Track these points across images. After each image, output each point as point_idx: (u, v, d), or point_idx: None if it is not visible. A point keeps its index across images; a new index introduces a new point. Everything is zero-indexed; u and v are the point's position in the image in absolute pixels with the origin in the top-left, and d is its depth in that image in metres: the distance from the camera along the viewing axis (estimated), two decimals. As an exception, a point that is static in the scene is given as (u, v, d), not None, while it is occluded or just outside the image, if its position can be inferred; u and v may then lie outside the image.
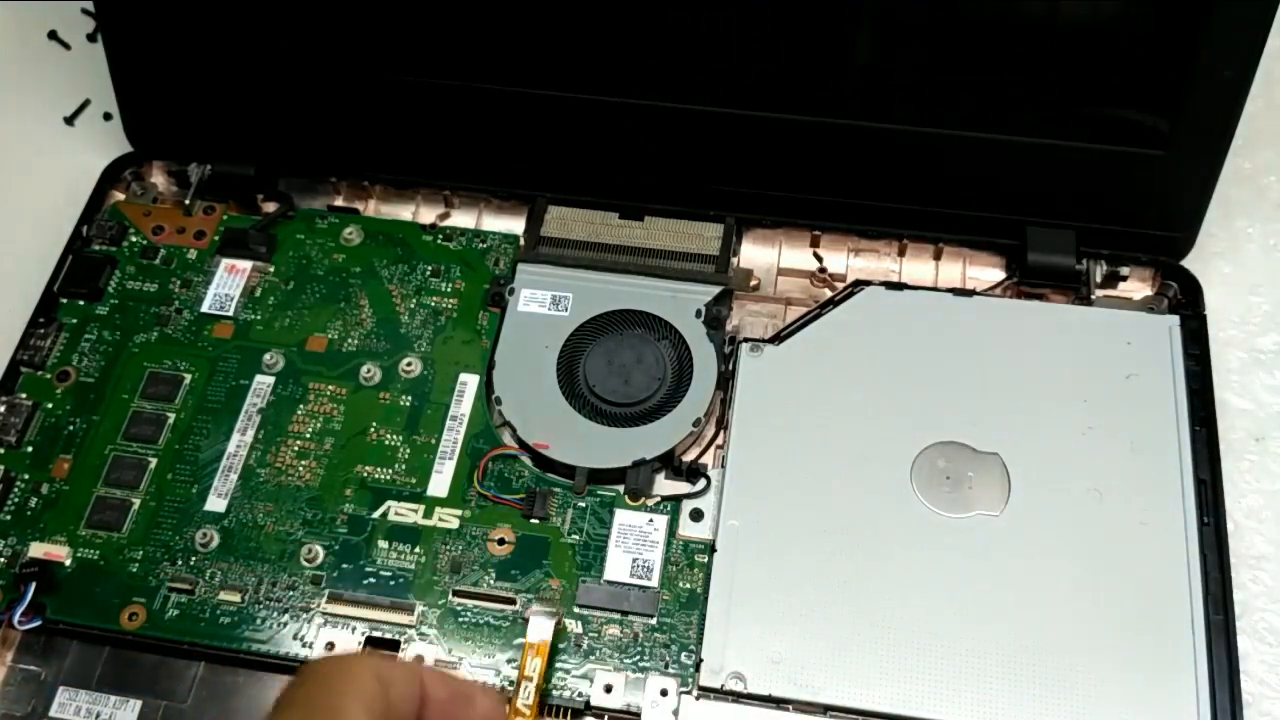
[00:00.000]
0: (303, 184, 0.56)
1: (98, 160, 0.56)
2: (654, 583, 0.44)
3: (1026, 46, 0.47)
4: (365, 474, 0.47)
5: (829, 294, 0.51)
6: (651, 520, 0.46)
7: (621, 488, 0.46)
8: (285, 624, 0.44)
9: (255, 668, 0.44)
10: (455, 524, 0.46)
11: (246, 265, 0.53)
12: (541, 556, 0.45)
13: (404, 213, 0.56)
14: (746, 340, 0.49)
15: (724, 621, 0.43)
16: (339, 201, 0.56)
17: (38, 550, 0.46)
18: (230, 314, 0.52)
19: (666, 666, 0.43)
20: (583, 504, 0.46)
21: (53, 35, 0.64)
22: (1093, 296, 0.51)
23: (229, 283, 0.52)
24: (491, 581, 0.45)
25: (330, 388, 0.49)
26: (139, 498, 0.47)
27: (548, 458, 0.47)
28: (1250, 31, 0.45)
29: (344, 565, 0.45)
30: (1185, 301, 0.51)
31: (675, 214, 0.53)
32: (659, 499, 0.46)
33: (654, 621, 0.44)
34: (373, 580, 0.45)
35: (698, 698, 0.42)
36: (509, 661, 0.43)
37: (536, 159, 0.53)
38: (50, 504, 0.47)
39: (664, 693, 0.42)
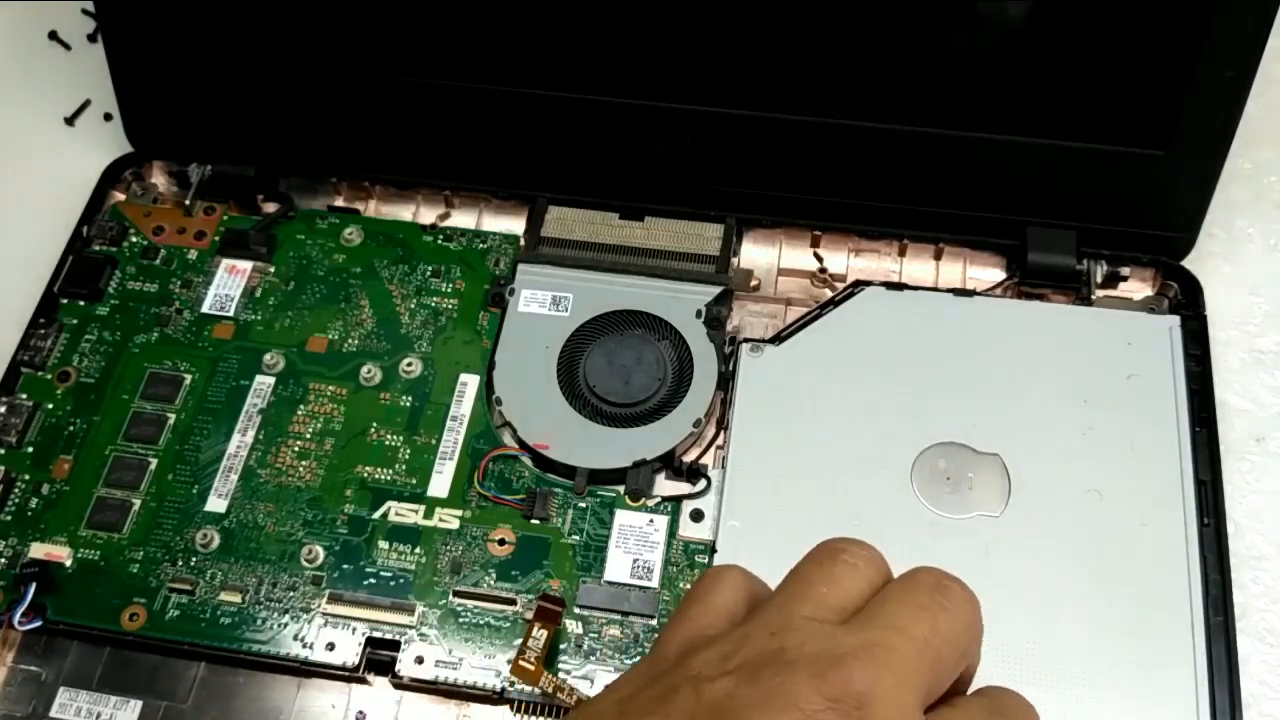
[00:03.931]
0: (303, 184, 0.56)
1: (98, 160, 0.56)
2: (654, 583, 0.44)
3: (1026, 46, 0.47)
4: (365, 474, 0.47)
5: (829, 294, 0.51)
6: (652, 521, 0.46)
7: (622, 488, 0.46)
8: (285, 624, 0.44)
9: (256, 668, 0.44)
10: (455, 524, 0.46)
11: (247, 265, 0.53)
12: (542, 557, 0.45)
13: (404, 213, 0.56)
14: (747, 340, 0.49)
15: (724, 622, 0.43)
16: (339, 202, 0.56)
17: (38, 551, 0.46)
18: (230, 314, 0.52)
19: (667, 667, 0.43)
20: (583, 504, 0.46)
21: (53, 35, 0.64)
22: (1093, 297, 0.51)
23: (229, 283, 0.52)
24: (492, 582, 0.45)
25: (330, 388, 0.49)
26: (139, 498, 0.47)
27: (548, 458, 0.47)
28: (1250, 31, 0.45)
29: (344, 566, 0.45)
30: (1185, 302, 0.51)
31: (675, 214, 0.53)
32: (659, 499, 0.46)
33: (655, 622, 0.44)
34: (373, 581, 0.45)
35: (698, 698, 0.42)
36: (509, 662, 0.43)
37: (536, 159, 0.53)
38: (51, 504, 0.47)
39: (664, 693, 0.42)
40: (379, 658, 0.44)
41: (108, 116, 0.60)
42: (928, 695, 0.28)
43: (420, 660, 0.43)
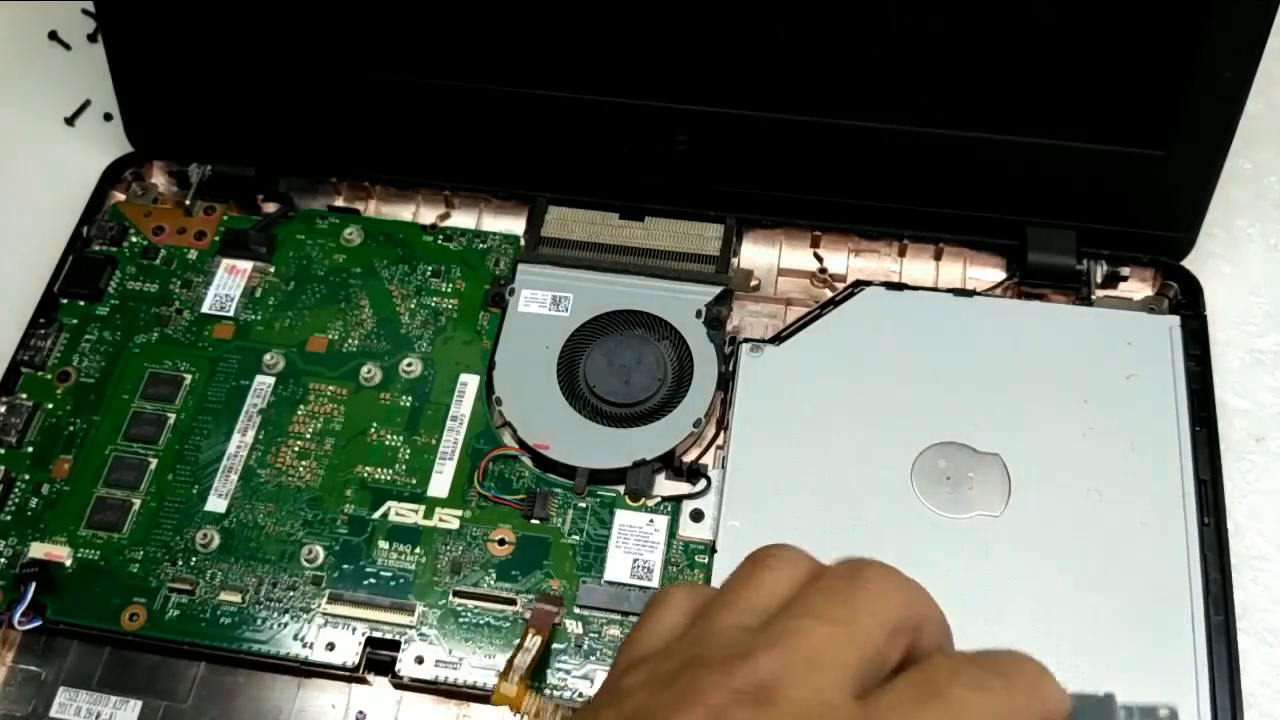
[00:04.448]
0: (303, 184, 0.56)
1: (98, 160, 0.56)
2: (654, 583, 0.44)
3: (1026, 46, 0.47)
4: (365, 474, 0.47)
5: (829, 294, 0.51)
6: (652, 521, 0.46)
7: (622, 488, 0.46)
8: (285, 624, 0.44)
9: (255, 668, 0.44)
10: (455, 524, 0.46)
11: (247, 265, 0.53)
12: (542, 557, 0.45)
13: (404, 213, 0.56)
14: (747, 340, 0.49)
15: (724, 622, 0.43)
16: (339, 202, 0.56)
17: (38, 550, 0.46)
18: (231, 314, 0.52)
19: (667, 667, 0.43)
20: (583, 504, 0.46)
21: (53, 35, 0.64)
22: (1093, 297, 0.51)
23: (229, 283, 0.52)
24: (492, 582, 0.45)
25: (330, 388, 0.49)
26: (139, 498, 0.47)
27: (548, 458, 0.47)
28: (1250, 31, 0.45)
29: (344, 566, 0.45)
30: (1185, 302, 0.51)
31: (675, 214, 0.53)
32: (659, 499, 0.46)
33: (654, 622, 0.44)
34: (373, 580, 0.45)
35: (698, 698, 0.42)
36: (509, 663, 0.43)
37: (536, 159, 0.53)
38: (51, 504, 0.47)
39: (664, 693, 0.42)
40: (379, 658, 0.44)
41: (108, 116, 0.60)
42: (861, 671, 0.28)
43: (420, 660, 0.43)
